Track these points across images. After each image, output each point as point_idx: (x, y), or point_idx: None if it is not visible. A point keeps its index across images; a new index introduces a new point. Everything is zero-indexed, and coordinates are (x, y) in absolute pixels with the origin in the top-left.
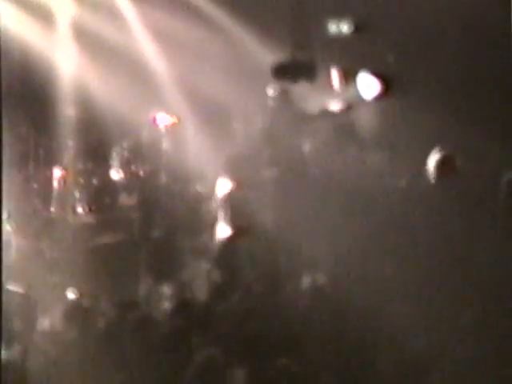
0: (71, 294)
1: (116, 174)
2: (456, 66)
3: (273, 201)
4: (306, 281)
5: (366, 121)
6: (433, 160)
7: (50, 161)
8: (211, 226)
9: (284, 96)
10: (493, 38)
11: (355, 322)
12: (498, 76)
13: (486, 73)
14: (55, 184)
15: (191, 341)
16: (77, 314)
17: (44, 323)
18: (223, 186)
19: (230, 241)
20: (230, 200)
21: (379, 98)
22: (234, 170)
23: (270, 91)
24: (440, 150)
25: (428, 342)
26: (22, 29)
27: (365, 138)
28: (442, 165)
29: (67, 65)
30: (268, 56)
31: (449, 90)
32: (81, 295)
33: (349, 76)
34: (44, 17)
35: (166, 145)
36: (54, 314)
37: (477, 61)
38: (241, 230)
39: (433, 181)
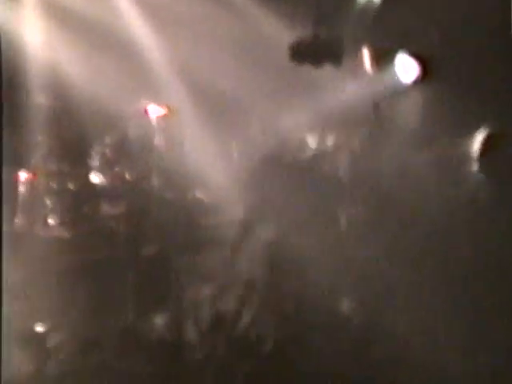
0: (39, 328)
1: (97, 178)
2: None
3: (292, 206)
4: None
5: (403, 110)
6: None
7: (15, 161)
8: (215, 241)
9: (304, 81)
10: None
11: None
12: None
13: None
14: (21, 189)
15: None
16: (46, 350)
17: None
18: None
19: (239, 261)
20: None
21: (418, 83)
22: (242, 172)
23: (287, 76)
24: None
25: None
26: None
27: (403, 131)
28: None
29: (36, 44)
30: (285, 33)
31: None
32: (51, 328)
33: (383, 57)
34: None
35: (158, 142)
36: (18, 351)
37: None
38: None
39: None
